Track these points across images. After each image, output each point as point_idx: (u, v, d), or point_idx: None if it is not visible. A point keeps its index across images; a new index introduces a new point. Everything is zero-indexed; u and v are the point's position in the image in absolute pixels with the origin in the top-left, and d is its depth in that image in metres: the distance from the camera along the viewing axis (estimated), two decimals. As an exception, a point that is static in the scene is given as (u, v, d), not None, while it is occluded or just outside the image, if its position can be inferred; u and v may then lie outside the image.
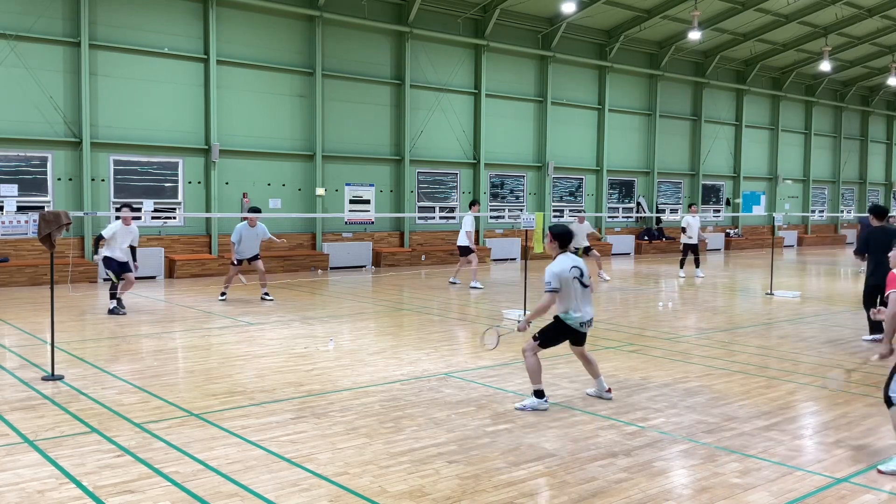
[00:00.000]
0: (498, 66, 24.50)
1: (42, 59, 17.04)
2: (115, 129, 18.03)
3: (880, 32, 30.18)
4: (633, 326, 11.75)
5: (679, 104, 30.17)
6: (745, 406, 7.14)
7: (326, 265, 20.69)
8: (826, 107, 36.79)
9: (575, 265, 6.94)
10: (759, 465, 5.57)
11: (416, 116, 22.76)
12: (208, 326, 11.44)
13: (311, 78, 20.66)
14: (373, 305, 14.04)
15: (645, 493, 5.00)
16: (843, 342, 10.55)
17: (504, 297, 15.32)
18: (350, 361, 8.99)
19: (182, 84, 18.90)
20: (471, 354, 9.44)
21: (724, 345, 10.29)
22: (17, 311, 12.71)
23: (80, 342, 10.11)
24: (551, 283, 6.86)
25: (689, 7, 24.49)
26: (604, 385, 7.33)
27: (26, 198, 17.10)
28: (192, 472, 5.29)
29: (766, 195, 34.40)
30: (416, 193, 23.24)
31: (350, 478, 5.22)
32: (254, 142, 20.02)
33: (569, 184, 27.17)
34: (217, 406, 6.97)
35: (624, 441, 6.07)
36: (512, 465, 5.51)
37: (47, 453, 5.62)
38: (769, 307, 14.18)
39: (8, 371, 8.27)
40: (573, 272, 6.90)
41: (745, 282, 19.09)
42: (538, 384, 6.93)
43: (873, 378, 8.41)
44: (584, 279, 6.96)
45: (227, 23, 19.38)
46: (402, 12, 22.01)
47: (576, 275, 6.90)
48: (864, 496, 5.02)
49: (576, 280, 6.90)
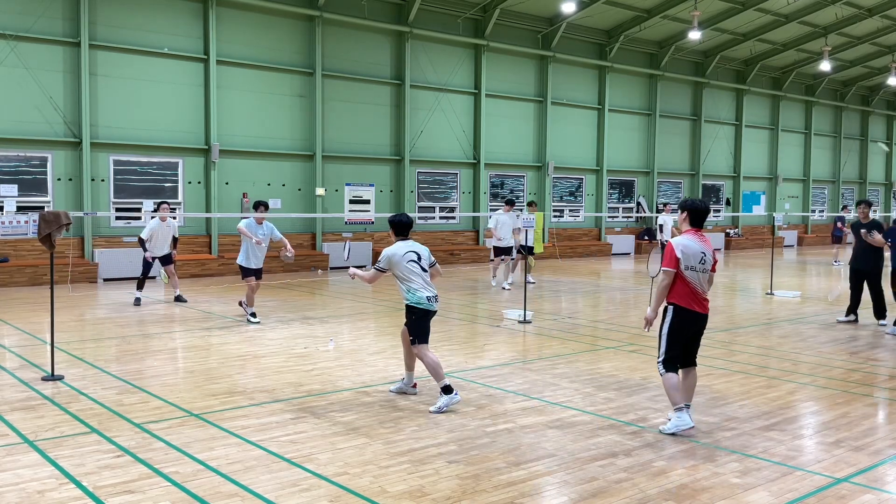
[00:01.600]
0: (498, 66, 24.49)
1: (42, 59, 17.04)
2: (114, 129, 18.03)
3: (880, 32, 30.17)
4: (633, 326, 11.75)
5: (679, 104, 30.17)
6: (745, 406, 7.14)
7: (326, 265, 20.69)
8: (826, 107, 36.79)
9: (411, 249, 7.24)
10: (759, 465, 5.57)
11: (416, 116, 22.76)
12: (208, 326, 11.44)
13: (310, 78, 20.66)
14: (373, 305, 14.04)
15: (645, 493, 5.00)
16: (843, 342, 10.55)
17: (504, 296, 15.31)
18: (350, 361, 8.99)
19: (182, 84, 18.90)
20: (470, 354, 9.43)
21: (724, 345, 10.29)
22: (17, 311, 12.71)
23: (80, 342, 10.11)
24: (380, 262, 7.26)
25: (689, 7, 24.49)
26: (412, 380, 7.50)
27: (26, 198, 17.10)
28: (192, 472, 5.29)
29: (766, 195, 34.40)
30: (416, 193, 23.24)
31: (350, 478, 5.22)
32: (254, 142, 20.02)
33: (569, 184, 27.17)
34: (217, 406, 6.97)
35: (624, 441, 6.07)
36: (512, 465, 5.51)
37: (47, 453, 5.62)
38: (769, 307, 14.17)
39: (8, 371, 8.27)
40: (408, 256, 7.20)
41: (745, 282, 19.10)
42: (441, 380, 6.97)
43: (873, 378, 8.41)
44: (422, 262, 7.24)
45: (227, 23, 19.38)
46: (402, 12, 22.00)
47: (412, 258, 7.20)
48: (864, 496, 5.02)
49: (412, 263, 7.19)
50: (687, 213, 6.48)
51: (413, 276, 7.15)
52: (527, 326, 11.60)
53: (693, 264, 6.32)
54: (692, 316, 6.36)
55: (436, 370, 7.01)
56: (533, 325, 11.68)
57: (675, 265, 6.29)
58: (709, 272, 6.41)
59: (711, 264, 6.41)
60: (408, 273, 7.14)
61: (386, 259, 7.20)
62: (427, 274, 7.26)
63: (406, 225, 7.39)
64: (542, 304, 14.17)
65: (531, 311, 12.30)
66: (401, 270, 7.16)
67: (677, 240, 6.40)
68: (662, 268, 6.39)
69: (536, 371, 8.53)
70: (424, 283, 7.18)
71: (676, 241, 6.37)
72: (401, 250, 7.20)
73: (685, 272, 6.31)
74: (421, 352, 7.12)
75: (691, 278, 6.33)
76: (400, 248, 7.23)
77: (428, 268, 7.29)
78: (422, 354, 7.11)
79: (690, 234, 6.45)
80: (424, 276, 7.21)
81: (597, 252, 27.00)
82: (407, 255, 7.18)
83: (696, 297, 6.35)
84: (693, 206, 6.50)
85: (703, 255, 6.35)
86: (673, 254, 6.29)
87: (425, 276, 7.22)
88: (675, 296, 6.34)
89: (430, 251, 7.45)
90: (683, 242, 6.35)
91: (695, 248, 6.34)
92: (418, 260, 7.22)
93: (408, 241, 7.32)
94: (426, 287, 7.18)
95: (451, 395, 6.90)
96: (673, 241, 6.39)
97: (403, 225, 7.37)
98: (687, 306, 6.33)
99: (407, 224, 7.40)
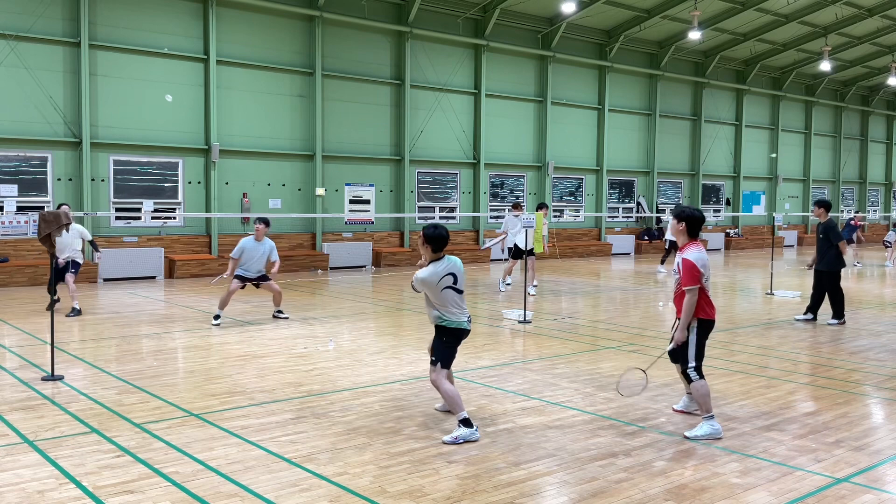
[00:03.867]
0: (498, 66, 24.50)
1: (42, 59, 17.04)
2: (114, 129, 18.03)
3: (880, 32, 30.18)
4: (633, 326, 11.75)
5: (679, 104, 30.17)
6: (745, 406, 7.14)
7: (326, 265, 20.69)
8: (826, 107, 36.80)
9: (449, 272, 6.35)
10: (759, 465, 5.57)
11: (416, 116, 22.76)
12: (208, 326, 11.44)
13: (310, 78, 20.66)
14: (373, 305, 14.04)
15: (645, 493, 5.00)
16: (843, 342, 10.55)
17: (504, 296, 15.31)
18: (350, 361, 8.99)
19: (182, 84, 18.90)
20: (470, 354, 9.43)
21: (724, 345, 10.29)
22: (17, 311, 12.70)
23: (80, 342, 10.11)
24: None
25: (689, 7, 24.50)
26: None
27: (26, 198, 17.10)
28: (192, 472, 5.29)
29: (766, 195, 34.40)
30: (416, 193, 23.24)
31: (350, 478, 5.22)
32: (254, 142, 20.02)
33: (569, 184, 27.17)
34: (217, 406, 6.97)
35: (624, 441, 6.07)
36: (512, 465, 5.51)
37: (47, 453, 5.62)
38: (769, 307, 14.17)
39: (8, 371, 8.27)
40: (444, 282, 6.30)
41: (745, 282, 19.09)
42: (461, 411, 6.12)
43: (874, 378, 8.41)
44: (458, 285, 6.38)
45: (226, 23, 19.39)
46: (402, 12, 22.01)
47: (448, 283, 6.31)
48: (864, 496, 5.02)
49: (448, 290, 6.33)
50: (685, 224, 6.47)
51: (447, 303, 6.29)
52: (527, 326, 11.60)
53: (708, 275, 6.40)
54: (711, 323, 6.50)
55: (454, 400, 6.16)
56: (533, 325, 11.68)
57: (699, 281, 6.29)
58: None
59: None
60: (442, 299, 6.28)
61: (419, 283, 6.29)
62: (462, 296, 6.41)
63: (445, 240, 6.33)
64: (542, 304, 14.17)
65: (531, 311, 12.30)
66: (434, 296, 6.29)
67: (695, 255, 6.34)
68: (686, 287, 6.32)
69: (536, 371, 8.52)
70: (459, 308, 6.35)
71: (694, 257, 6.32)
72: (436, 276, 6.25)
73: (705, 284, 6.37)
74: (438, 377, 6.25)
75: (708, 288, 6.43)
76: (437, 272, 6.26)
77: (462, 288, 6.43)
78: (439, 381, 6.24)
79: (696, 245, 6.47)
80: (458, 300, 6.36)
81: (597, 252, 27.01)
82: (443, 282, 6.25)
83: (711, 305, 6.46)
84: (692, 216, 6.49)
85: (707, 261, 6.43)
86: (696, 271, 6.27)
87: (459, 299, 6.37)
88: (699, 310, 6.38)
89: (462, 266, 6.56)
90: (698, 257, 6.33)
91: (706, 259, 6.39)
92: (454, 283, 6.32)
93: (443, 261, 6.34)
94: (461, 311, 6.36)
95: (471, 429, 6.06)
96: (691, 258, 6.31)
97: (442, 240, 6.30)
98: (707, 317, 6.42)
99: (445, 239, 6.34)
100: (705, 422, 6.25)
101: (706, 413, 6.28)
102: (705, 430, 6.19)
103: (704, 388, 6.33)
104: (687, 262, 6.31)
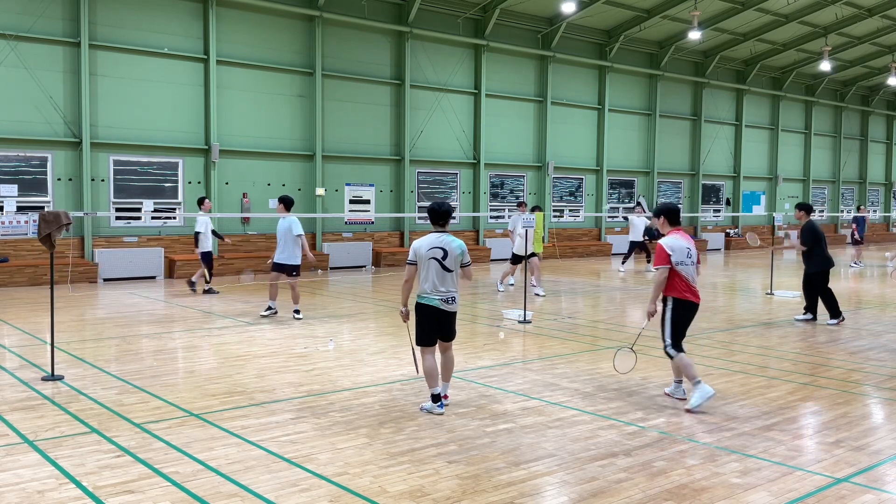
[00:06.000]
0: (498, 66, 24.49)
1: (42, 59, 17.03)
2: (114, 129, 18.03)
3: (880, 32, 30.18)
4: (634, 326, 11.75)
5: (679, 104, 30.17)
6: (745, 406, 7.14)
7: (326, 265, 20.69)
8: (826, 107, 36.80)
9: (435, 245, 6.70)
10: (759, 465, 5.57)
11: (415, 116, 22.76)
12: (208, 326, 11.44)
13: (310, 78, 20.66)
14: (373, 305, 14.04)
15: (645, 493, 5.00)
16: (843, 342, 10.55)
17: (504, 296, 15.31)
18: (350, 361, 8.99)
19: (182, 84, 18.90)
20: (470, 354, 9.43)
21: (724, 345, 10.29)
22: (17, 311, 12.71)
23: (80, 342, 10.11)
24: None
25: (689, 7, 24.50)
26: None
27: (26, 198, 17.10)
28: (192, 472, 5.29)
29: (765, 195, 34.40)
30: (416, 193, 23.24)
31: (350, 478, 5.22)
32: (254, 142, 20.02)
33: (569, 184, 27.17)
34: (217, 406, 6.97)
35: (624, 441, 6.07)
36: (512, 465, 5.51)
37: (47, 453, 5.62)
38: (769, 307, 14.17)
39: (8, 371, 8.27)
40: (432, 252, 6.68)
41: (744, 282, 19.09)
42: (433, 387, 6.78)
43: (874, 378, 8.41)
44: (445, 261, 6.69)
45: (226, 23, 19.39)
46: (402, 12, 22.00)
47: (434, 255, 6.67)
48: (864, 496, 5.02)
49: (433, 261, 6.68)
50: (664, 217, 7.31)
51: (428, 277, 6.67)
52: (527, 326, 11.60)
53: (682, 259, 7.03)
54: (689, 305, 7.14)
55: (429, 375, 6.76)
56: (533, 325, 11.68)
57: (668, 262, 7.00)
58: (695, 265, 7.15)
59: (696, 258, 7.17)
60: (425, 273, 6.69)
61: (413, 251, 6.74)
62: (450, 274, 6.69)
63: (437, 213, 6.73)
64: (542, 304, 14.17)
65: (531, 311, 12.30)
66: (421, 267, 6.71)
67: (664, 240, 7.15)
68: (655, 266, 7.16)
69: (536, 371, 8.52)
70: (434, 284, 6.66)
71: (664, 241, 7.12)
72: (424, 246, 6.69)
73: (677, 267, 7.02)
74: (420, 353, 6.86)
75: (683, 272, 7.05)
76: (427, 240, 6.72)
77: (453, 268, 6.70)
78: (421, 356, 6.83)
79: (674, 232, 7.22)
80: (440, 277, 6.65)
81: (597, 252, 27.01)
82: (430, 253, 6.66)
83: (689, 289, 7.10)
84: (666, 208, 7.35)
85: (689, 249, 7.09)
86: (664, 252, 7.03)
87: (442, 277, 6.66)
88: (672, 289, 7.08)
89: (465, 250, 6.80)
90: (669, 241, 7.09)
91: (681, 244, 7.08)
92: (442, 258, 6.65)
93: (439, 235, 6.73)
94: (435, 288, 6.67)
95: (436, 403, 6.74)
96: (661, 241, 7.14)
97: (434, 212, 6.76)
98: (682, 297, 7.07)
99: (438, 212, 6.73)
100: (695, 389, 6.87)
101: (693, 380, 6.91)
102: (697, 396, 6.83)
103: (683, 359, 7.02)
104: (658, 244, 7.15)
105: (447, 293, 6.73)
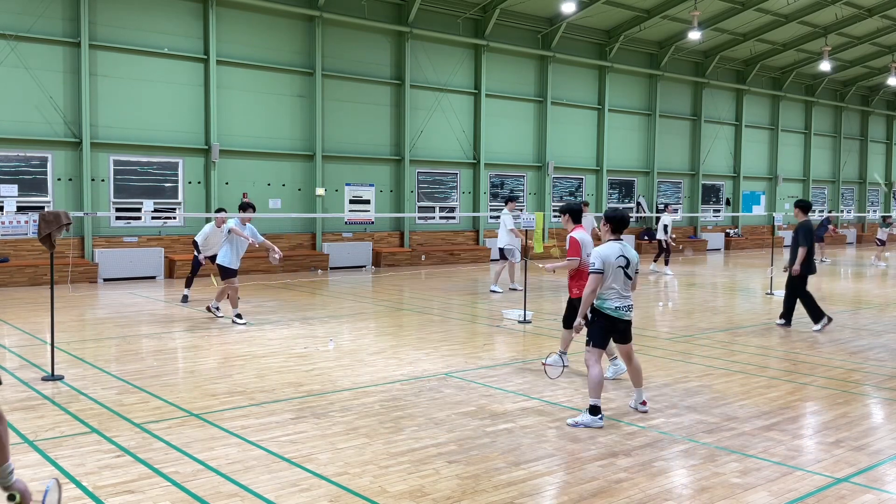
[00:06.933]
0: (498, 66, 24.49)
1: (42, 60, 17.04)
2: (114, 129, 18.03)
3: (880, 32, 30.18)
4: (633, 326, 11.72)
5: (679, 104, 30.17)
6: (745, 406, 7.14)
7: (326, 265, 20.69)
8: (826, 107, 36.80)
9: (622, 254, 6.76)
10: (759, 465, 5.57)
11: (415, 116, 22.76)
12: (208, 326, 11.44)
13: (310, 78, 20.66)
14: (373, 305, 14.04)
15: (645, 493, 5.00)
16: (843, 342, 10.55)
17: (504, 296, 15.31)
18: (350, 361, 8.99)
19: (182, 84, 18.90)
20: (470, 354, 9.43)
21: (724, 345, 10.29)
22: (17, 311, 12.71)
23: (80, 342, 10.11)
24: (595, 263, 6.69)
25: (689, 7, 24.50)
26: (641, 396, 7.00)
27: (26, 198, 17.10)
28: (192, 472, 5.29)
29: (765, 195, 34.40)
30: (416, 193, 23.24)
31: (350, 478, 5.22)
32: (254, 142, 20.02)
33: (569, 184, 27.17)
34: (217, 406, 6.97)
35: (624, 441, 6.07)
36: (512, 465, 5.51)
37: (47, 453, 5.62)
38: (769, 307, 14.17)
39: (8, 371, 8.26)
40: (619, 261, 6.71)
41: (744, 282, 19.09)
42: (596, 398, 6.46)
43: (874, 378, 8.41)
44: (628, 270, 6.75)
45: (226, 23, 19.39)
46: (402, 12, 22.01)
47: (622, 263, 6.70)
48: (864, 496, 5.02)
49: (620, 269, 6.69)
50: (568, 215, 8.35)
51: (614, 282, 6.66)
52: (527, 326, 11.60)
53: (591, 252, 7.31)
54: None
55: (595, 385, 6.46)
56: (533, 325, 11.68)
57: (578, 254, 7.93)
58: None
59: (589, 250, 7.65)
60: (610, 278, 6.65)
61: (600, 260, 6.65)
62: (630, 282, 6.78)
63: (623, 221, 6.83)
64: (542, 304, 14.17)
65: (531, 311, 12.30)
66: (609, 276, 6.66)
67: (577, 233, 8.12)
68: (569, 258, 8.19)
69: (536, 371, 8.52)
70: (620, 293, 6.68)
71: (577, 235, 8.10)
72: (614, 253, 6.69)
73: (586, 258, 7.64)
74: (591, 358, 6.59)
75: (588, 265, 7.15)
76: (612, 249, 6.71)
77: (633, 275, 6.79)
78: (590, 362, 6.57)
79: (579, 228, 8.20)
80: (624, 284, 6.71)
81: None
82: (619, 260, 6.67)
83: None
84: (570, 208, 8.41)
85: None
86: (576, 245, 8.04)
87: (626, 284, 6.72)
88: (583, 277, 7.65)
89: (639, 259, 6.95)
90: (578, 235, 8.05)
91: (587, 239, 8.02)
92: (626, 266, 6.70)
93: (621, 244, 6.78)
94: (620, 297, 6.69)
95: (595, 416, 6.39)
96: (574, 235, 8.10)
97: (622, 221, 6.81)
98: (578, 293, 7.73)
99: (624, 220, 6.83)
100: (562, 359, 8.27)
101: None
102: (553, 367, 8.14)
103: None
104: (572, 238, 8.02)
105: (629, 301, 6.79)
